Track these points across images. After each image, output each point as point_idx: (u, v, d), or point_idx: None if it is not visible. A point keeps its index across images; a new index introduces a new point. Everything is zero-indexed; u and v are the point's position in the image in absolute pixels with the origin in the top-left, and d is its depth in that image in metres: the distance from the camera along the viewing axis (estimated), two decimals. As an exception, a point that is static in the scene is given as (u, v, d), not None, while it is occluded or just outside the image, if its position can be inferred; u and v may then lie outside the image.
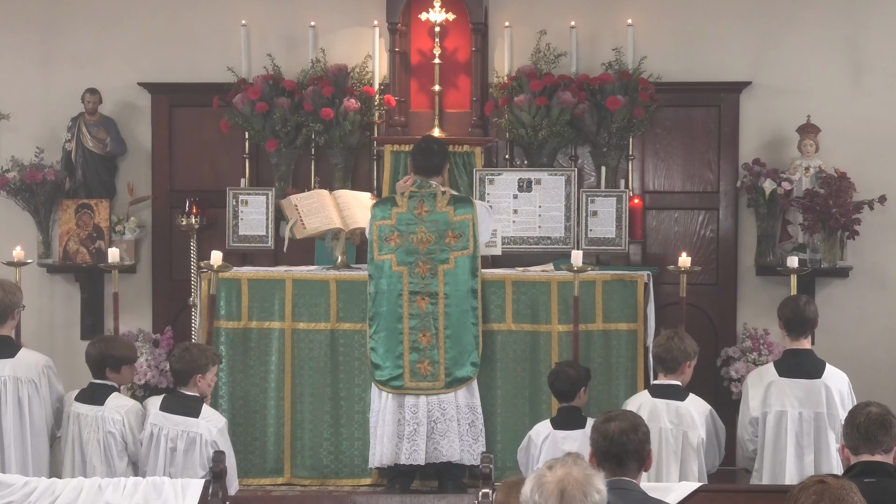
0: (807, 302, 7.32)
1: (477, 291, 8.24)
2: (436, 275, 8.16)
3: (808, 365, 7.16)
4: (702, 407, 7.14)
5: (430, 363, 8.07)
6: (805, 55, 9.88)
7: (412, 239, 8.19)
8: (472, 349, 8.18)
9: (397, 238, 8.22)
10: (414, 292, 8.20)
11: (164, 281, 10.20)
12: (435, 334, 8.13)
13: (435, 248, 8.20)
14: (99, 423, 7.13)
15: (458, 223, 8.21)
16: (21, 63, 10.30)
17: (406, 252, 8.21)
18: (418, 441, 8.02)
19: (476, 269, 8.26)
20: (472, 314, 8.22)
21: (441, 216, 8.21)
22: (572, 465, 3.96)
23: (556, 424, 7.28)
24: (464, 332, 8.17)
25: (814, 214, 9.38)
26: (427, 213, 8.22)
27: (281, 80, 9.85)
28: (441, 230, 8.21)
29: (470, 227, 8.23)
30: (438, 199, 8.25)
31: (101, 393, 7.22)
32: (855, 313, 9.73)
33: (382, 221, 8.29)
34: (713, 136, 9.93)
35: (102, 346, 7.37)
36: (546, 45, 9.78)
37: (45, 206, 10.09)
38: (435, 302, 8.16)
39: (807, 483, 4.19)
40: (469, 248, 8.21)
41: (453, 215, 8.23)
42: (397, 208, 8.30)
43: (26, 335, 8.32)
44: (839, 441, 6.47)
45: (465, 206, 8.32)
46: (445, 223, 8.20)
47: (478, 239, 8.23)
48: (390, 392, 8.14)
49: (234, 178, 9.95)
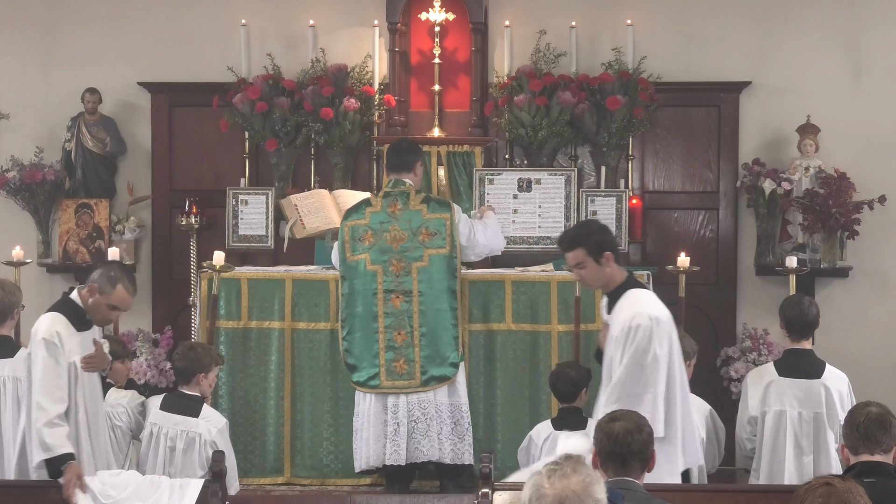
0: (810, 304, 7.31)
1: (456, 292, 8.14)
2: (409, 272, 8.10)
3: (808, 365, 7.16)
4: (701, 407, 7.13)
5: (406, 361, 8.04)
6: (805, 55, 9.89)
7: (386, 237, 8.14)
8: (451, 349, 8.08)
9: (371, 237, 8.18)
10: (388, 290, 8.13)
11: (164, 281, 10.21)
12: (410, 332, 8.07)
13: (408, 246, 8.14)
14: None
15: (432, 221, 8.14)
16: (21, 63, 10.30)
17: (380, 251, 8.16)
18: (399, 441, 8.00)
19: (454, 269, 8.14)
20: (451, 314, 8.12)
21: (414, 214, 8.17)
22: (571, 475, 3.90)
23: (557, 425, 7.28)
24: (441, 332, 8.09)
25: (813, 214, 9.38)
26: (400, 212, 8.18)
27: (281, 79, 9.85)
28: (414, 228, 8.15)
29: (447, 227, 8.13)
30: (412, 198, 8.20)
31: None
32: (854, 313, 9.73)
33: (355, 222, 8.24)
34: (713, 136, 9.93)
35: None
36: (546, 44, 9.78)
37: (44, 206, 10.09)
38: (409, 300, 8.10)
39: (813, 485, 4.17)
40: (445, 248, 8.12)
41: (426, 213, 8.17)
42: (371, 208, 8.27)
43: (26, 335, 8.29)
44: (838, 441, 6.48)
45: (442, 206, 8.23)
46: (419, 220, 8.15)
47: (456, 240, 8.14)
48: (369, 392, 8.12)
49: (234, 177, 9.95)
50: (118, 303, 6.49)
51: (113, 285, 6.45)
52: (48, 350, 6.42)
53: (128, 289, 6.49)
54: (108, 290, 6.45)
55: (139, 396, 7.41)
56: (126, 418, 7.24)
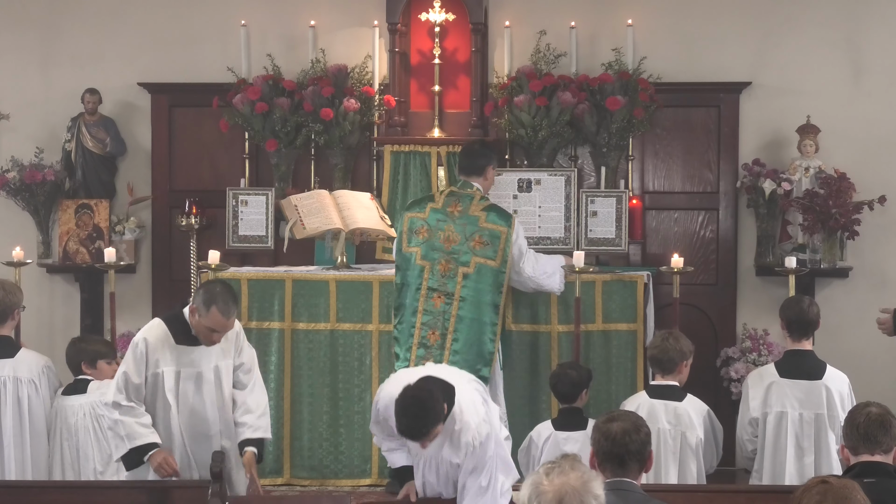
0: (810, 304, 7.31)
1: (499, 308, 8.05)
2: (455, 275, 8.06)
3: (809, 366, 7.15)
4: (700, 407, 7.14)
5: (434, 362, 8.05)
6: (805, 55, 9.88)
7: (440, 235, 8.12)
8: (483, 364, 7.99)
9: (426, 232, 8.16)
10: (432, 289, 8.09)
11: (164, 281, 10.20)
12: (444, 334, 8.05)
13: (459, 249, 8.10)
14: (86, 409, 7.20)
15: (487, 230, 8.09)
16: (21, 63, 10.30)
17: (431, 247, 8.13)
18: None
19: (500, 284, 8.05)
20: (491, 329, 8.03)
21: (471, 219, 8.13)
22: (570, 472, 3.92)
23: (558, 425, 7.28)
24: (476, 345, 8.01)
25: (813, 215, 9.38)
26: (459, 214, 8.16)
27: (281, 80, 9.85)
28: (468, 232, 8.11)
29: (501, 240, 8.06)
30: (474, 203, 8.17)
31: (82, 384, 7.32)
32: (854, 314, 9.72)
33: (415, 214, 8.22)
34: (713, 136, 9.92)
35: (77, 344, 7.50)
36: (546, 45, 9.78)
37: (44, 207, 10.09)
38: (450, 302, 8.06)
39: (809, 484, 4.18)
40: (495, 260, 8.04)
41: (484, 221, 8.12)
42: (433, 203, 8.25)
43: (26, 335, 8.33)
44: (839, 442, 6.47)
45: (502, 218, 8.15)
46: (474, 226, 8.11)
47: (508, 255, 8.05)
48: None
49: (234, 178, 9.95)
50: (214, 325, 6.42)
51: (207, 307, 6.38)
52: (130, 350, 6.52)
53: (223, 311, 6.39)
54: (204, 312, 6.39)
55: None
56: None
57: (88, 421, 7.20)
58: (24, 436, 7.27)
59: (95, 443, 7.16)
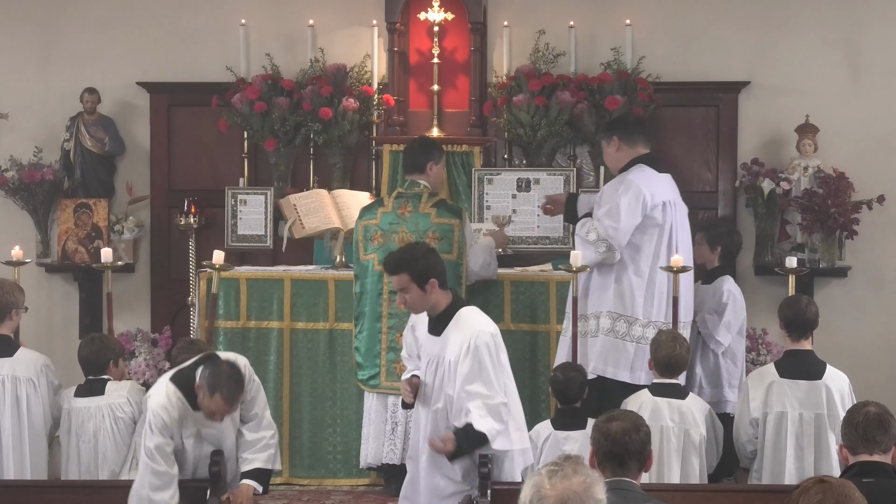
0: (808, 303, 7.30)
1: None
2: None
3: (809, 366, 7.14)
4: (702, 405, 7.15)
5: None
6: (803, 55, 9.89)
7: (394, 238, 8.12)
8: None
9: (380, 237, 8.17)
10: (394, 292, 8.12)
11: (163, 280, 10.20)
12: None
13: None
14: (104, 411, 7.07)
15: (439, 226, 8.11)
16: (20, 63, 10.30)
17: (387, 252, 8.14)
18: (396, 440, 8.01)
19: (460, 276, 8.07)
20: None
21: (422, 216, 8.14)
22: (572, 476, 3.88)
23: (557, 425, 7.26)
24: None
25: (812, 214, 9.38)
26: (409, 214, 8.17)
27: (280, 79, 9.85)
28: (422, 230, 8.12)
29: (455, 233, 8.08)
30: (423, 201, 8.18)
31: (98, 385, 7.18)
32: (853, 313, 9.73)
33: (368, 221, 8.25)
34: (712, 135, 9.93)
35: (96, 343, 7.38)
36: (545, 44, 9.78)
37: (43, 206, 10.09)
38: None
39: (807, 485, 4.17)
40: (451, 254, 8.03)
41: (435, 217, 8.14)
42: (383, 208, 8.26)
43: (25, 334, 8.29)
44: (839, 442, 6.47)
45: (451, 212, 8.18)
46: (426, 224, 8.12)
47: (463, 247, 8.09)
48: (370, 391, 8.15)
49: (233, 177, 9.95)
50: (217, 410, 6.35)
51: (212, 393, 6.31)
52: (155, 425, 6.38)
53: (227, 399, 6.30)
54: (208, 395, 6.32)
55: (138, 385, 7.35)
56: (129, 409, 7.17)
57: (108, 423, 7.11)
58: (23, 435, 7.22)
59: (113, 444, 7.09)
